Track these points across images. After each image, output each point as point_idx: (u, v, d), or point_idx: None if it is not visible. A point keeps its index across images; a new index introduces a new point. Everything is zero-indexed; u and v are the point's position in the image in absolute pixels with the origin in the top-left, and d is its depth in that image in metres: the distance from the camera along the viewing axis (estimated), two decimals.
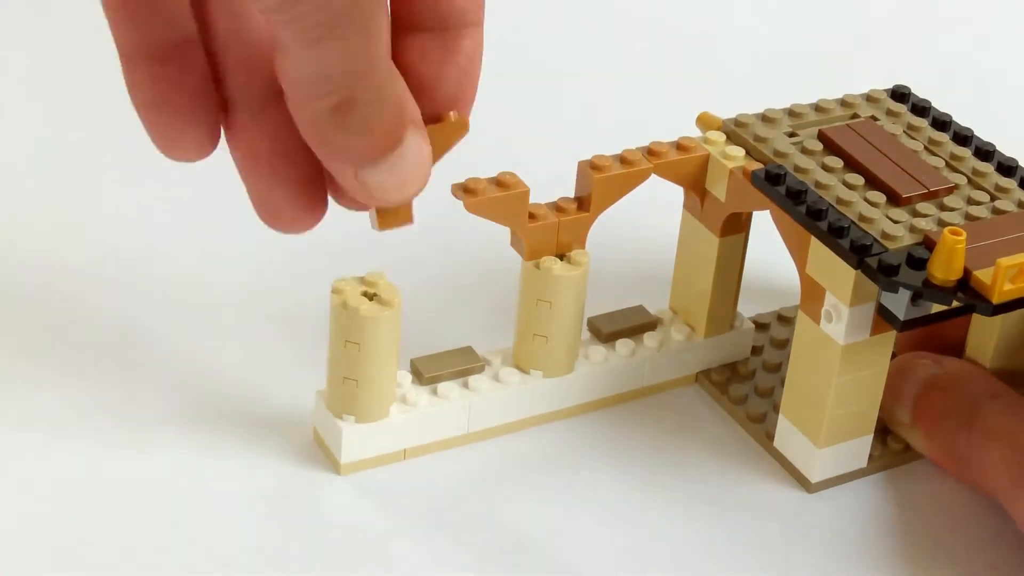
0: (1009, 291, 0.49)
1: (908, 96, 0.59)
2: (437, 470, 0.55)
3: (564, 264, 0.55)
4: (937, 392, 0.55)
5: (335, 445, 0.54)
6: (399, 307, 0.52)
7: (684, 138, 0.56)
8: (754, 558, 0.53)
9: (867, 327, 0.52)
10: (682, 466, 0.56)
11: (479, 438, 0.56)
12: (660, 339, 0.59)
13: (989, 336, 0.56)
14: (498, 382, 0.56)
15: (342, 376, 0.53)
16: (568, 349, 0.56)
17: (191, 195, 0.66)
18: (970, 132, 0.57)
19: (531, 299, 0.55)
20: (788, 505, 0.55)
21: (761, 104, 0.59)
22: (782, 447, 0.56)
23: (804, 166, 0.55)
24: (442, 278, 0.63)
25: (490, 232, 0.56)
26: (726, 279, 0.58)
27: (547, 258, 0.55)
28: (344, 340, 0.52)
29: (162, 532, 0.52)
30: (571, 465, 0.56)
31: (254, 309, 0.61)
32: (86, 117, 0.71)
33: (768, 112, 0.58)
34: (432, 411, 0.55)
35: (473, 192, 0.53)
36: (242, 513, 0.53)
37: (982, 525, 0.55)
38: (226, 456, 0.54)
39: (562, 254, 0.55)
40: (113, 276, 0.61)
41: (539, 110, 0.76)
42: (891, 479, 0.56)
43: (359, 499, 0.54)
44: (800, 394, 0.55)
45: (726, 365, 0.60)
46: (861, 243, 0.51)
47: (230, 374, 0.58)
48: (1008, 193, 0.55)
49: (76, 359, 0.58)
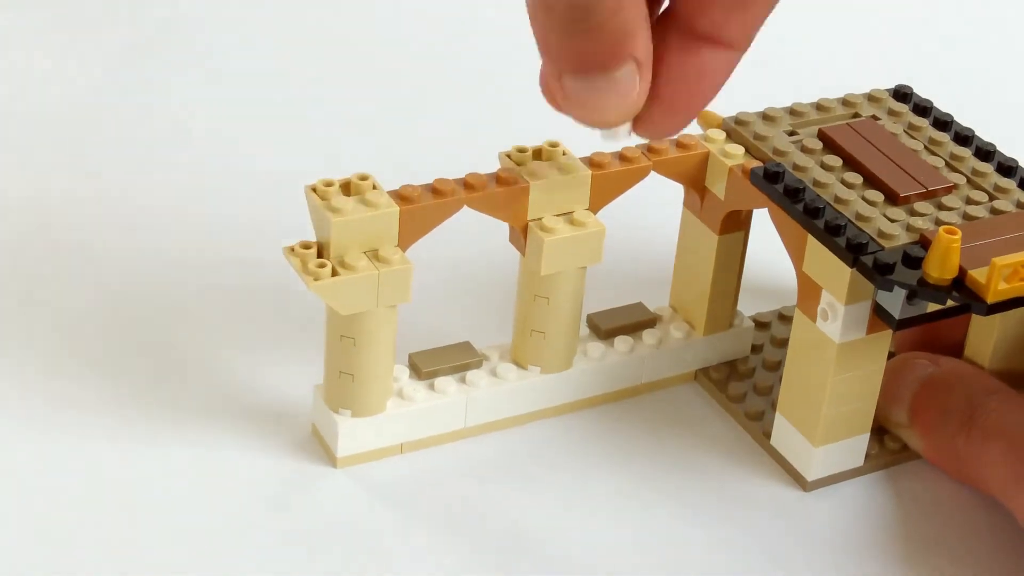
0: (1004, 291, 0.49)
1: (910, 96, 0.59)
2: (434, 464, 0.55)
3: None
4: (934, 392, 0.55)
5: (332, 439, 0.54)
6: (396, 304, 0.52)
7: (684, 135, 0.57)
8: (749, 555, 0.53)
9: (863, 326, 0.52)
10: (679, 463, 0.56)
11: (476, 433, 0.56)
12: (659, 336, 0.59)
13: (988, 337, 0.56)
14: (496, 377, 0.56)
15: (338, 371, 0.53)
16: (566, 345, 0.57)
17: (191, 193, 0.67)
18: (971, 132, 0.57)
19: (529, 295, 0.55)
20: (784, 503, 0.55)
21: (763, 102, 0.59)
22: (779, 445, 0.56)
23: (803, 164, 0.55)
24: (441, 273, 0.63)
25: (489, 227, 0.56)
26: (726, 277, 0.58)
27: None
28: (340, 335, 0.52)
29: (160, 525, 0.52)
30: (568, 461, 0.56)
31: (252, 304, 0.61)
32: (85, 116, 0.72)
33: (769, 111, 0.58)
34: (429, 406, 0.55)
35: (473, 188, 0.53)
36: (239, 506, 0.53)
37: (979, 524, 0.55)
38: (223, 449, 0.55)
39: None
40: (110, 273, 0.62)
41: (539, 107, 0.76)
42: (888, 478, 0.56)
43: (356, 492, 0.54)
44: (797, 392, 0.55)
45: (725, 363, 0.60)
46: (857, 241, 0.51)
47: (228, 368, 0.58)
48: (1007, 193, 0.55)
49: (74, 357, 0.58)
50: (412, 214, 0.52)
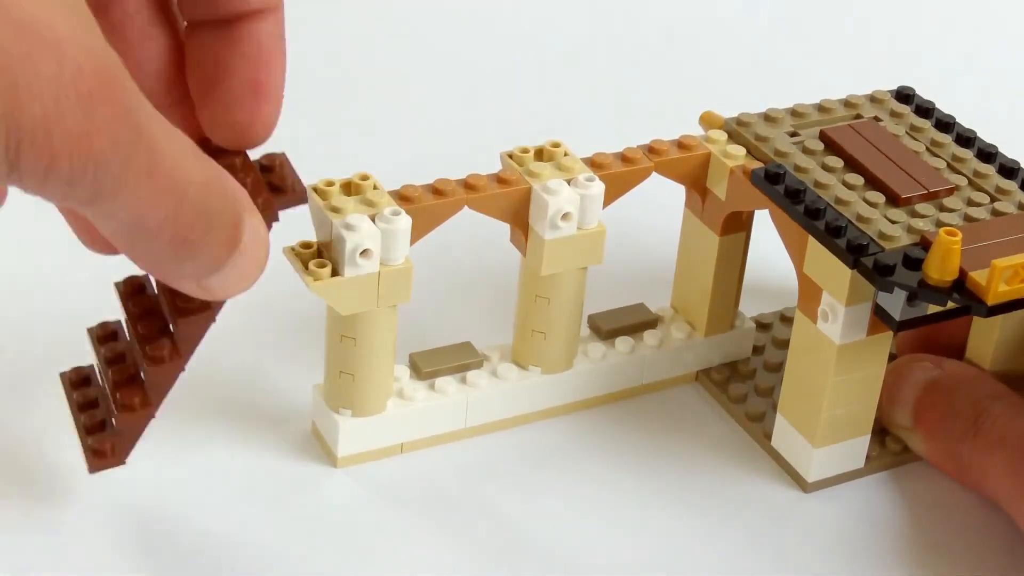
0: (1004, 292, 0.49)
1: (912, 97, 0.59)
2: (434, 464, 0.55)
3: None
4: (938, 395, 0.55)
5: (332, 439, 0.54)
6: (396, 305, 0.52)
7: (685, 136, 0.57)
8: (750, 557, 0.53)
9: (863, 327, 0.52)
10: (680, 464, 0.56)
11: (476, 433, 0.56)
12: (660, 337, 0.59)
13: (988, 339, 0.56)
14: (496, 378, 0.56)
15: (339, 370, 0.53)
16: (567, 345, 0.57)
17: None
18: (973, 134, 0.57)
19: (530, 295, 0.55)
20: (785, 504, 0.55)
21: (765, 103, 0.59)
22: (779, 446, 0.56)
23: (804, 166, 0.55)
24: (442, 273, 0.63)
25: (490, 228, 0.56)
26: (727, 278, 0.58)
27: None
28: (340, 335, 0.52)
29: (160, 525, 0.52)
30: (568, 462, 0.56)
31: (252, 304, 0.61)
32: None
33: (771, 111, 0.58)
34: (429, 406, 0.55)
35: (474, 188, 0.53)
36: (240, 505, 0.53)
37: (980, 526, 0.54)
38: (224, 449, 0.55)
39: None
40: (109, 272, 0.62)
41: (540, 108, 0.76)
42: (888, 480, 0.56)
43: (356, 492, 0.54)
44: (797, 394, 0.55)
45: (726, 364, 0.60)
46: (857, 243, 0.51)
47: (228, 368, 0.58)
48: (1008, 195, 0.54)
49: (74, 357, 0.58)
50: (413, 214, 0.52)
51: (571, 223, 0.53)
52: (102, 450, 0.50)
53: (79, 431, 0.50)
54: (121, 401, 0.49)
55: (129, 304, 0.49)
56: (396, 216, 0.51)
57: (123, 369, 0.50)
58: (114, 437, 0.50)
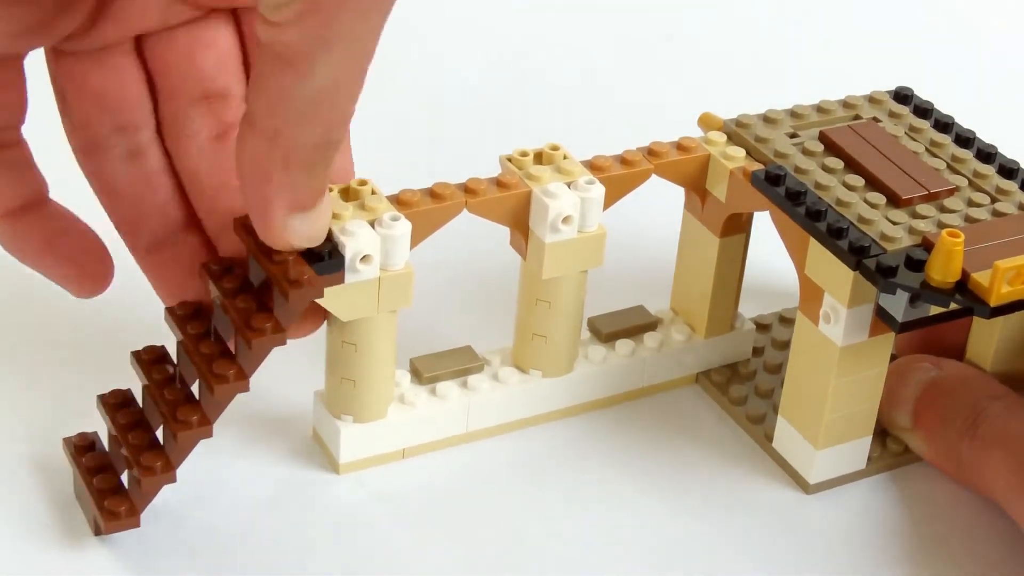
0: (1007, 293, 0.49)
1: (911, 98, 0.59)
2: (436, 469, 0.55)
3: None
4: (938, 396, 0.55)
5: (333, 445, 0.54)
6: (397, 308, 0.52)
7: (685, 138, 0.56)
8: (751, 559, 0.53)
9: (865, 329, 0.52)
10: (681, 466, 0.56)
11: (478, 437, 0.56)
12: (660, 339, 0.59)
13: (989, 339, 0.56)
14: (497, 382, 0.56)
15: (340, 376, 0.53)
16: (567, 349, 0.56)
17: None
18: (972, 134, 0.57)
19: (530, 298, 0.55)
20: (786, 506, 0.55)
21: (764, 105, 0.59)
22: (781, 448, 0.56)
23: (804, 167, 0.55)
24: (442, 277, 0.63)
25: (490, 232, 0.56)
26: (727, 279, 0.58)
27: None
28: (341, 340, 0.52)
29: (161, 531, 0.52)
30: (570, 465, 0.56)
31: None
32: None
33: (770, 113, 0.58)
34: (431, 411, 0.55)
35: (474, 192, 0.53)
36: (241, 512, 0.53)
37: (981, 527, 0.55)
38: (225, 455, 0.55)
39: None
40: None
41: (540, 110, 0.76)
42: (890, 481, 0.56)
43: (358, 498, 0.54)
44: (799, 395, 0.55)
45: (727, 366, 0.60)
46: (859, 244, 0.51)
47: None
48: (1009, 195, 0.54)
49: (75, 358, 0.58)
50: (412, 219, 0.52)
51: (571, 226, 0.53)
52: (117, 512, 0.50)
53: (92, 495, 0.51)
54: (144, 464, 0.50)
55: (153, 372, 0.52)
56: (395, 221, 0.51)
57: (141, 435, 0.51)
58: (130, 499, 0.50)
